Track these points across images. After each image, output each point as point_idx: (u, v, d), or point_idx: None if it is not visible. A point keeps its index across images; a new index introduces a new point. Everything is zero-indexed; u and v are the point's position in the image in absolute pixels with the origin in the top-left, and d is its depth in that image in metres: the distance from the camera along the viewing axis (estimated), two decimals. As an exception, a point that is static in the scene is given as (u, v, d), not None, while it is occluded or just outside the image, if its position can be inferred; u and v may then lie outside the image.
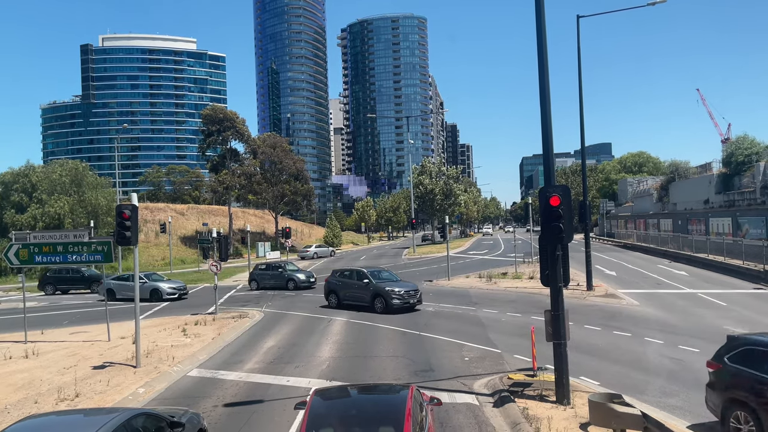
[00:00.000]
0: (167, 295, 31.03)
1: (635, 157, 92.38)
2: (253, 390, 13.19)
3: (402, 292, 23.33)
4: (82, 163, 63.66)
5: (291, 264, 36.84)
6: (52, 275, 40.05)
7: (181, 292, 31.93)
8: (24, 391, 13.36)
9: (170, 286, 31.83)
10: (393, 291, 23.36)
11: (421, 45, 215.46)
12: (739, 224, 41.57)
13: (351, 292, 25.24)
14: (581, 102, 27.98)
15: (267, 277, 35.15)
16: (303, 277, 34.24)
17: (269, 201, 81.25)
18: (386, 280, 25.00)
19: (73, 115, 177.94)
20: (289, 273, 34.53)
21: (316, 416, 6.99)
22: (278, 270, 35.09)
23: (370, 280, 24.57)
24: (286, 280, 34.14)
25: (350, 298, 25.14)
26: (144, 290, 29.71)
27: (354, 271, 26.31)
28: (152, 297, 30.87)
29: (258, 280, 35.40)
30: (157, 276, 34.03)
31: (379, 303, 23.56)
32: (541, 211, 11.07)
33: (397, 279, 25.98)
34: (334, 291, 25.95)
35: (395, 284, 24.39)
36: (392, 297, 23.19)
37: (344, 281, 25.89)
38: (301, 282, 33.79)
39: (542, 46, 11.50)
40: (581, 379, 12.86)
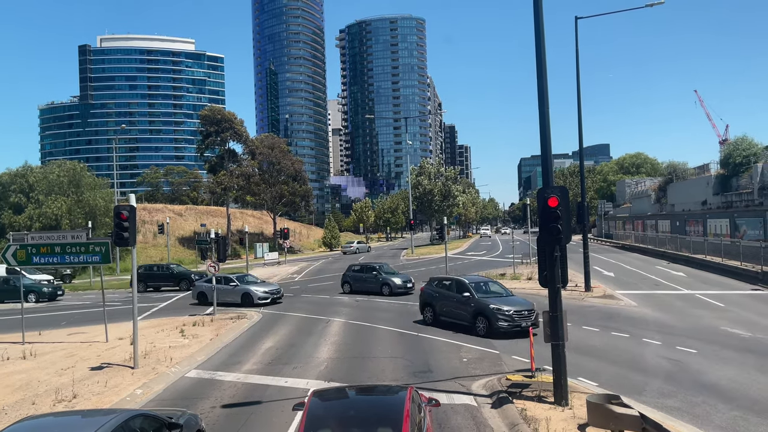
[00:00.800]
0: (259, 300, 27.48)
1: (633, 158, 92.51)
2: (251, 391, 13.17)
3: (511, 312, 18.24)
4: (80, 164, 63.53)
5: (386, 266, 33.32)
6: (143, 272, 38.19)
7: (275, 296, 28.15)
8: (22, 392, 13.33)
9: (264, 290, 28.09)
10: (500, 310, 18.35)
11: (420, 46, 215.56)
12: (736, 225, 41.64)
13: (449, 307, 20.40)
14: (579, 103, 28.05)
15: (361, 280, 31.62)
16: (399, 281, 30.44)
17: (267, 202, 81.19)
18: (493, 295, 19.81)
19: (71, 115, 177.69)
20: (384, 277, 30.80)
21: (314, 417, 6.98)
22: (372, 272, 31.43)
23: (472, 293, 19.58)
24: (380, 284, 30.53)
25: (448, 315, 20.36)
26: (234, 294, 27.78)
27: (453, 281, 21.05)
28: (243, 302, 27.53)
29: (351, 283, 31.96)
30: (251, 278, 30.39)
31: (481, 324, 18.69)
32: (539, 212, 11.08)
33: (508, 294, 20.28)
34: (430, 304, 21.18)
35: (503, 301, 19.16)
36: (498, 318, 18.17)
37: (441, 292, 20.99)
38: (396, 287, 29.98)
39: (541, 47, 11.52)
40: (579, 380, 12.87)
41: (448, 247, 40.07)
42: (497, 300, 19.00)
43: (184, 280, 37.54)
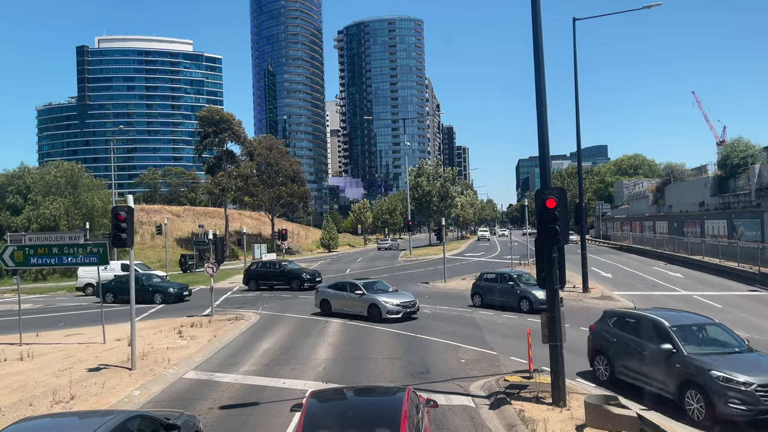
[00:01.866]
0: (389, 314, 21.84)
1: (631, 159, 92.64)
2: (249, 392, 13.16)
3: None
4: (78, 165, 63.51)
5: (527, 274, 25.98)
6: (255, 270, 36.61)
7: (408, 310, 22.33)
8: (19, 393, 13.30)
9: (396, 302, 22.30)
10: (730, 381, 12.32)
11: (418, 47, 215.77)
12: (734, 226, 41.71)
13: (638, 365, 14.39)
14: (577, 104, 28.13)
15: (494, 291, 25.03)
16: (542, 295, 20.61)
17: (265, 203, 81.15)
18: (717, 350, 14.03)
19: (69, 116, 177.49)
20: (524, 288, 23.75)
21: (312, 418, 6.98)
22: (509, 283, 24.56)
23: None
24: (518, 297, 23.73)
25: (634, 375, 13.20)
26: (359, 304, 22.96)
27: (642, 320, 13.36)
28: (370, 314, 22.36)
29: (482, 294, 25.54)
30: (381, 285, 24.46)
31: (694, 402, 12.59)
32: (537, 213, 11.10)
33: (741, 346, 11.93)
34: (604, 353, 14.29)
35: (735, 363, 13.38)
36: (729, 396, 10.62)
37: (622, 337, 13.94)
38: (538, 303, 22.16)
39: (538, 49, 11.55)
40: (577, 381, 12.89)
41: (447, 248, 40.07)
42: (725, 362, 10.73)
43: (295, 279, 34.64)
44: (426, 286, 33.91)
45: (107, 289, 31.40)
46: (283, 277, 35.23)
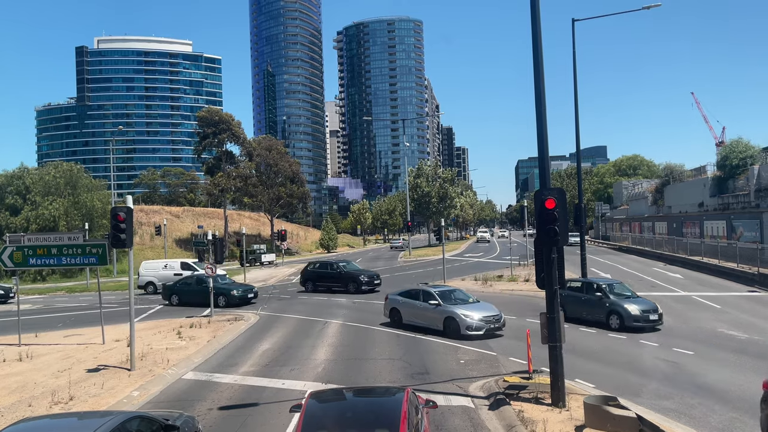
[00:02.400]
0: (468, 329, 18.09)
1: (630, 160, 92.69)
2: (248, 393, 13.15)
3: None
4: (77, 166, 63.51)
5: (618, 283, 22.32)
6: (312, 271, 34.44)
7: (493, 325, 18.39)
8: (18, 394, 13.29)
9: (480, 316, 18.38)
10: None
11: (417, 48, 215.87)
12: (733, 227, 41.73)
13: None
14: (576, 105, 28.15)
15: (577, 303, 20.92)
16: (636, 310, 19.01)
17: (265, 203, 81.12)
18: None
19: (68, 117, 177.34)
20: (614, 301, 19.71)
21: (311, 419, 6.98)
22: (595, 294, 20.45)
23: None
24: (606, 312, 19.73)
25: None
26: (434, 316, 19.28)
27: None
28: (446, 329, 18.72)
29: (564, 306, 17.51)
30: (461, 294, 20.78)
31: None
32: (536, 214, 11.10)
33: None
34: None
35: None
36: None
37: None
38: (631, 319, 18.92)
39: (538, 49, 11.55)
40: (577, 382, 12.89)
41: (446, 249, 40.06)
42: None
43: (353, 281, 32.47)
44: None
45: (172, 290, 30.23)
46: (340, 279, 32.99)
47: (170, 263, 38.39)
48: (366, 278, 32.56)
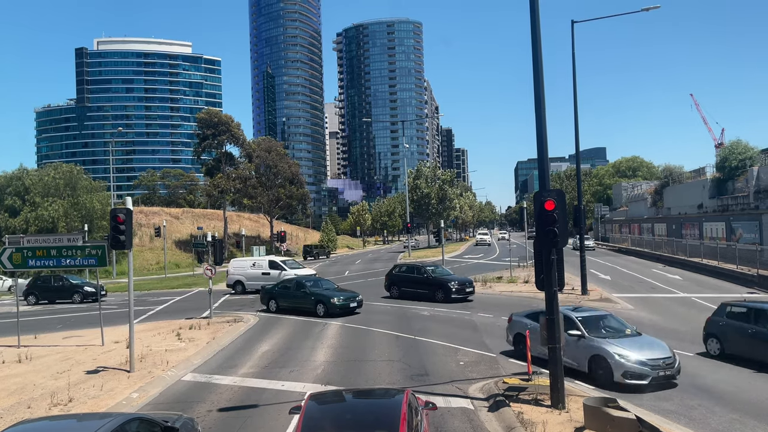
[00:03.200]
0: (627, 377, 12.86)
1: (629, 161, 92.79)
2: (247, 394, 13.14)
3: None
4: (77, 167, 63.53)
5: None
6: (398, 275, 30.47)
7: (662, 374, 13.01)
8: (17, 396, 13.27)
9: (640, 357, 13.06)
10: None
11: (417, 49, 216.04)
12: (732, 229, 41.76)
13: None
14: (576, 106, 28.15)
15: (754, 336, 14.88)
16: None
17: (264, 205, 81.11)
18: None
19: (68, 118, 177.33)
20: None
21: (311, 421, 6.98)
22: None
23: None
24: None
25: None
26: (578, 353, 13.87)
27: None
28: (594, 371, 13.53)
29: (720, 339, 15.83)
30: (615, 322, 15.04)
31: None
32: (536, 215, 11.11)
33: None
34: None
35: None
36: None
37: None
38: None
39: (537, 51, 11.56)
40: (576, 384, 12.88)
41: (446, 250, 40.08)
42: None
43: (440, 288, 27.58)
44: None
45: (271, 294, 26.75)
46: (426, 284, 28.48)
47: (258, 261, 36.37)
48: (457, 285, 27.64)
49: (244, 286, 35.02)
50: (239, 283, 35.39)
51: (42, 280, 36.87)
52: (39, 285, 36.32)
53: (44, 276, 37.37)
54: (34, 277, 37.30)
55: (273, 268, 34.57)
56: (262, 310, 26.47)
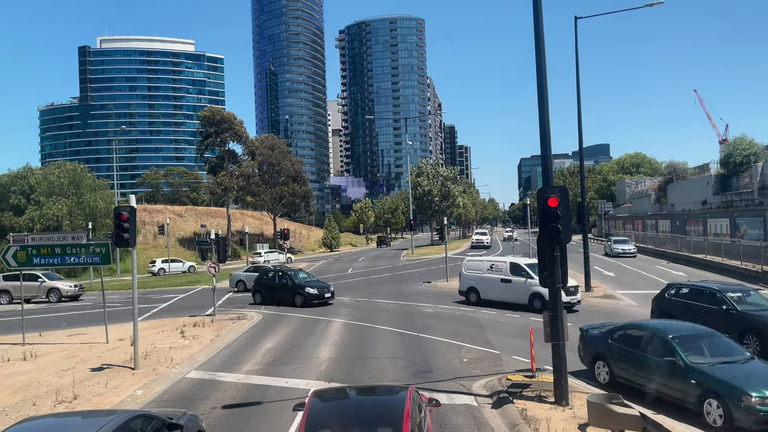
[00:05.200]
0: None
1: (633, 158, 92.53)
2: (251, 392, 13.18)
3: None
4: (80, 165, 63.68)
5: None
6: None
7: None
8: (22, 393, 13.33)
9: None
10: None
11: (419, 46, 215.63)
12: (737, 225, 41.63)
13: None
14: (579, 103, 28.04)
15: None
16: None
17: (267, 203, 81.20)
18: None
19: (71, 116, 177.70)
20: None
21: (314, 417, 6.99)
22: None
23: None
24: None
25: None
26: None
27: None
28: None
29: None
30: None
31: None
32: (539, 212, 11.09)
33: None
34: None
35: None
36: None
37: None
38: None
39: (540, 47, 11.53)
40: (580, 380, 12.87)
41: (449, 248, 40.07)
42: None
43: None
44: (428, 285, 33.91)
45: None
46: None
47: (497, 263, 25.41)
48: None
49: (479, 294, 25.25)
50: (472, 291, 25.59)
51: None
52: None
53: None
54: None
55: (516, 274, 23.86)
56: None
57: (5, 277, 34.31)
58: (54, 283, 35.30)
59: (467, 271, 26.33)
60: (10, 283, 33.65)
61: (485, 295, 24.86)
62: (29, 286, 33.19)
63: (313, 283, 28.01)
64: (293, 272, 28.92)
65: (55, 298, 34.59)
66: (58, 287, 35.00)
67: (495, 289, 24.44)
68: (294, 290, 26.95)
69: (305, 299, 26.41)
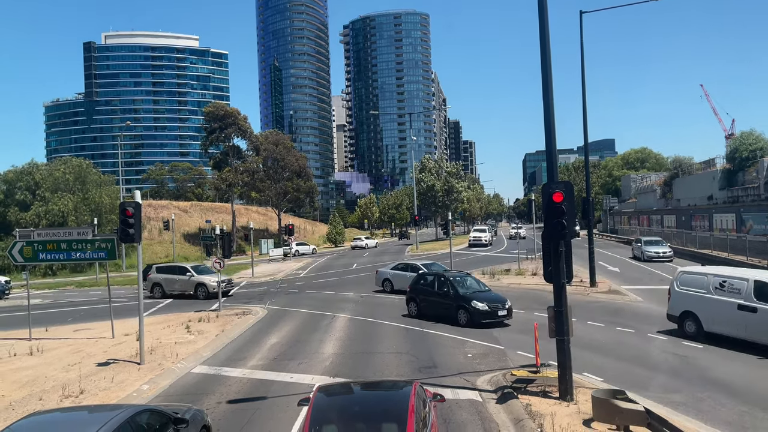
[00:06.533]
0: None
1: (638, 153, 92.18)
2: (256, 386, 13.22)
3: None
4: (86, 161, 63.93)
5: None
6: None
7: None
8: (29, 387, 13.41)
9: None
10: None
11: (424, 41, 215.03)
12: (743, 220, 41.43)
13: None
14: (584, 98, 27.91)
15: None
16: None
17: (272, 198, 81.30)
18: None
19: (77, 112, 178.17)
20: None
21: (319, 412, 7.00)
22: None
23: None
24: None
25: None
26: None
27: None
28: None
29: None
30: None
31: None
32: (544, 207, 11.06)
33: None
34: None
35: None
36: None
37: None
38: None
39: (545, 42, 11.47)
40: (584, 375, 12.86)
41: (453, 243, 39.99)
42: None
43: None
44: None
45: None
46: None
47: (732, 280, 16.43)
48: None
49: None
50: None
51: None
52: None
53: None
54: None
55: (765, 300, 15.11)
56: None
57: (159, 269, 32.29)
58: (201, 278, 30.87)
59: (682, 288, 18.20)
60: (162, 275, 31.60)
61: (710, 326, 16.80)
62: (178, 280, 31.07)
63: (483, 294, 20.43)
64: (458, 277, 21.80)
65: (203, 294, 30.19)
66: (204, 283, 30.44)
67: (727, 318, 16.39)
68: (457, 303, 20.06)
69: (471, 317, 19.38)
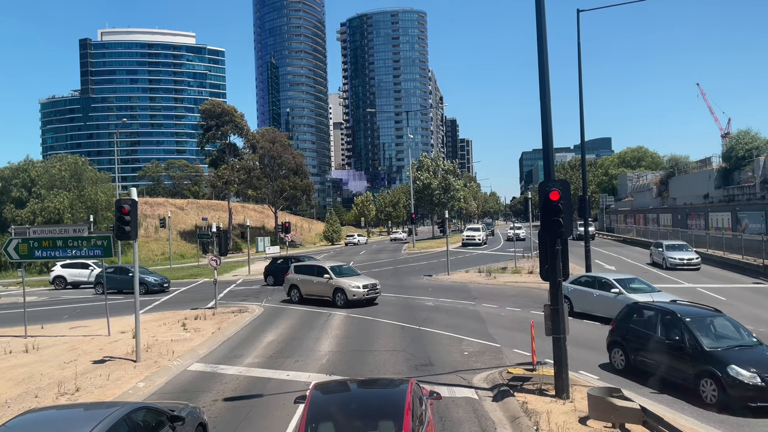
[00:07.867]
0: None
1: (634, 151, 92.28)
2: (253, 384, 13.22)
3: None
4: (82, 158, 63.68)
5: None
6: None
7: None
8: (24, 385, 13.38)
9: None
10: None
11: (421, 39, 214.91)
12: (738, 219, 41.58)
13: None
14: (581, 96, 27.89)
15: None
16: None
17: (268, 196, 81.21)
18: None
19: (72, 109, 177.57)
20: None
21: (315, 410, 7.01)
22: None
23: None
24: None
25: None
26: None
27: None
28: None
29: None
30: None
31: None
32: (540, 205, 11.08)
33: None
34: None
35: None
36: None
37: None
38: None
39: (542, 40, 11.47)
40: (580, 374, 12.90)
41: (450, 241, 40.06)
42: None
43: None
44: (429, 279, 33.94)
45: None
46: None
47: None
48: None
49: None
50: None
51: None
52: None
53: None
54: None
55: None
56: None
57: (296, 268, 27.18)
58: (341, 282, 24.58)
59: None
60: (300, 276, 26.37)
61: None
62: (316, 282, 25.53)
63: (749, 352, 11.30)
64: (695, 319, 12.33)
65: (341, 302, 24.12)
66: (343, 288, 24.18)
67: None
68: (699, 365, 11.19)
69: (725, 393, 10.49)
